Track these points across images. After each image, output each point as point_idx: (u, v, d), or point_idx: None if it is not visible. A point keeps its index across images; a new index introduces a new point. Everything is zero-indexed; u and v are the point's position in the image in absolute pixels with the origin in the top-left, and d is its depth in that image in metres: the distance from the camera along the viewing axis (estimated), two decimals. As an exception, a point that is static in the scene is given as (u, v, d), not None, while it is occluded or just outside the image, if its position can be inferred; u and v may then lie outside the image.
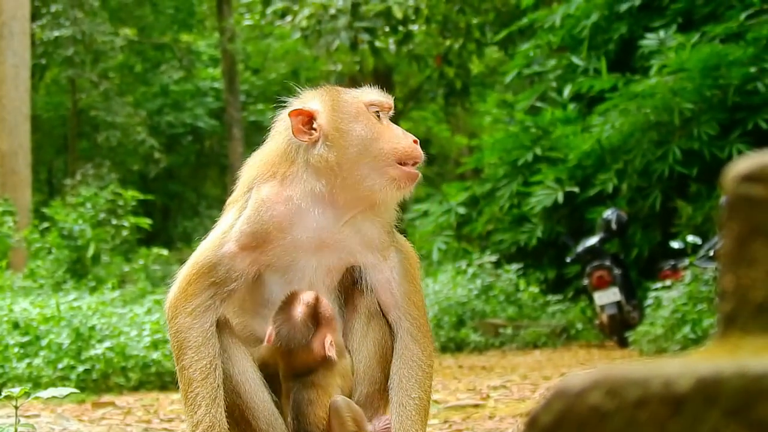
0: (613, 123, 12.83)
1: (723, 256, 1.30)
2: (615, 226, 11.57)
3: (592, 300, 11.49)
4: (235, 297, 3.13)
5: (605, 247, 11.62)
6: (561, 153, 13.87)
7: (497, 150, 14.86)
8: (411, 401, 3.09)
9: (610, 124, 12.89)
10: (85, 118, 26.35)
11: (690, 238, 10.75)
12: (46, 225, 14.26)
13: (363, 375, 3.16)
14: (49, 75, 26.03)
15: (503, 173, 14.55)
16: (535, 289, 13.17)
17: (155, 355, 8.04)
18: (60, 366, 7.73)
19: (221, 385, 2.99)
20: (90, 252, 13.34)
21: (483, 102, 23.17)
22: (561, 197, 13.17)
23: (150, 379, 8.00)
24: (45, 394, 3.78)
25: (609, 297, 11.08)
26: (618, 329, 11.01)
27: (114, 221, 14.86)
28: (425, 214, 15.82)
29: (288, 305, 3.09)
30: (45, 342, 7.96)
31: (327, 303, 3.12)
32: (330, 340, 3.10)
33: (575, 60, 14.64)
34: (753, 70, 11.84)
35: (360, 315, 3.18)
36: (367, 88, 3.23)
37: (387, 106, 3.18)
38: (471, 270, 13.16)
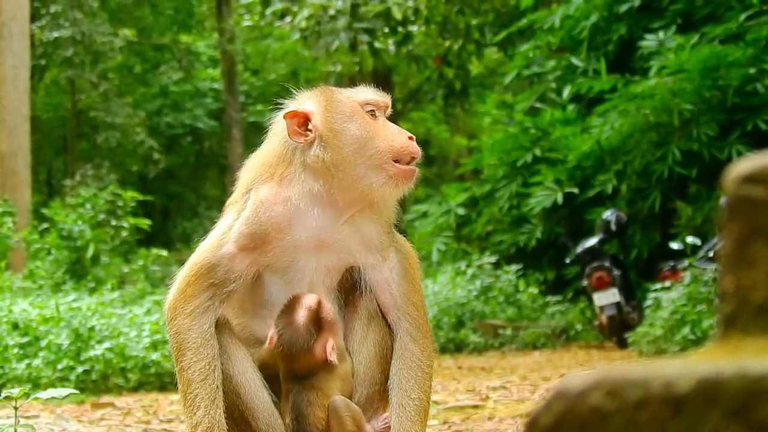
0: (613, 124, 12.83)
1: (723, 257, 1.30)
2: (614, 227, 11.57)
3: (591, 301, 11.49)
4: (235, 298, 3.12)
5: (605, 248, 11.62)
6: (560, 154, 13.88)
7: (497, 151, 14.86)
8: (410, 402, 3.08)
9: (609, 125, 12.89)
10: (85, 118, 26.34)
11: (689, 239, 10.75)
12: (45, 226, 14.26)
13: (363, 376, 3.16)
14: (49, 76, 26.02)
15: (503, 174, 14.56)
16: (535, 290, 13.16)
17: (155, 356, 8.03)
18: (59, 367, 7.72)
19: (220, 387, 2.99)
20: (89, 253, 13.34)
21: (482, 103, 23.18)
22: (560, 198, 13.17)
23: (149, 380, 8.00)
24: (44, 394, 3.78)
25: (608, 298, 11.08)
26: (617, 330, 11.01)
27: (113, 222, 14.85)
28: (424, 215, 15.83)
29: (290, 309, 3.09)
30: (44, 343, 7.96)
31: (329, 307, 3.12)
32: (331, 344, 3.09)
33: (575, 61, 14.65)
34: (752, 71, 11.85)
35: (360, 316, 3.18)
36: (363, 87, 3.22)
37: (383, 104, 3.17)
38: (470, 271, 13.15)
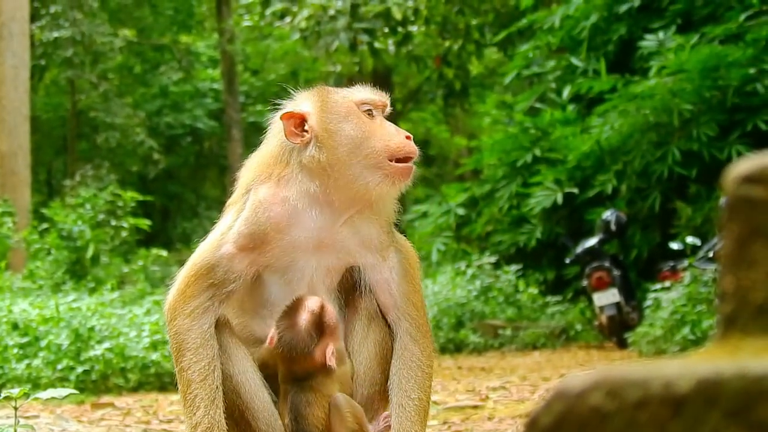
0: (613, 124, 12.83)
1: (723, 257, 1.30)
2: (614, 227, 11.56)
3: (591, 301, 11.49)
4: (235, 298, 3.13)
5: (604, 248, 11.62)
6: (560, 154, 13.88)
7: (496, 151, 14.86)
8: (410, 402, 3.08)
9: (609, 125, 12.89)
10: (85, 119, 26.34)
11: (689, 239, 10.75)
12: (45, 226, 14.26)
13: (363, 376, 3.16)
14: (49, 76, 26.02)
15: (502, 174, 14.56)
16: (535, 290, 13.16)
17: (154, 356, 8.03)
18: (59, 367, 7.72)
19: (220, 387, 2.99)
20: (89, 253, 13.34)
21: (482, 103, 23.17)
22: (560, 198, 13.18)
23: (149, 380, 8.00)
24: (44, 395, 3.78)
25: (608, 298, 11.08)
26: (617, 330, 11.01)
27: (113, 222, 14.85)
28: (424, 215, 15.83)
29: (293, 311, 3.09)
30: (44, 343, 7.96)
31: (332, 311, 3.11)
32: (332, 349, 3.09)
33: (574, 61, 14.65)
34: (752, 71, 11.85)
35: (360, 316, 3.18)
36: (359, 86, 3.21)
37: (380, 103, 3.16)
38: (470, 271, 13.15)
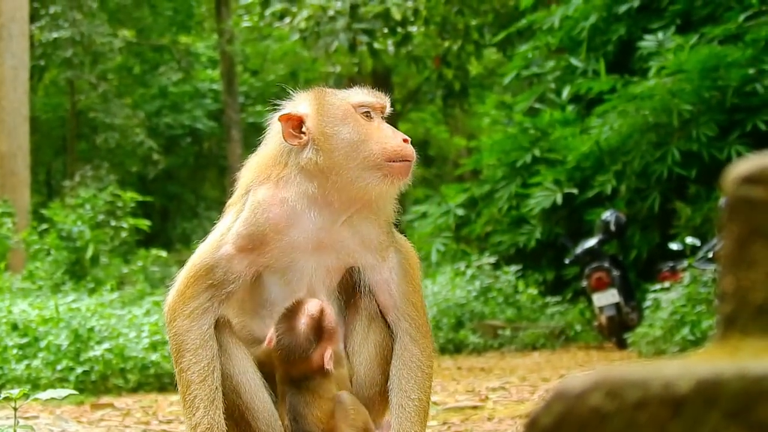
0: (612, 124, 12.83)
1: (723, 257, 1.30)
2: (614, 227, 11.56)
3: (590, 301, 11.48)
4: (234, 298, 3.13)
5: (604, 249, 11.62)
6: (560, 154, 13.88)
7: (496, 151, 14.86)
8: (410, 403, 3.09)
9: (608, 125, 12.89)
10: (84, 119, 26.33)
11: (689, 239, 10.76)
12: (44, 226, 14.25)
13: (363, 377, 3.16)
14: (48, 76, 26.01)
15: (502, 175, 14.56)
16: (534, 291, 13.16)
17: (154, 357, 8.03)
18: (59, 367, 7.72)
19: (219, 387, 2.99)
20: (89, 253, 13.33)
21: (482, 103, 23.15)
22: (560, 199, 13.18)
23: (149, 381, 8.00)
24: (44, 395, 3.78)
25: (608, 298, 11.08)
26: (617, 331, 11.01)
27: (113, 223, 14.85)
28: (424, 215, 15.83)
29: (292, 313, 3.09)
30: (44, 343, 7.96)
31: (331, 314, 3.11)
32: (330, 353, 3.09)
33: (574, 61, 14.65)
34: (752, 71, 11.85)
35: (361, 317, 3.18)
36: (358, 88, 3.21)
37: (378, 105, 3.16)
38: (470, 271, 13.14)
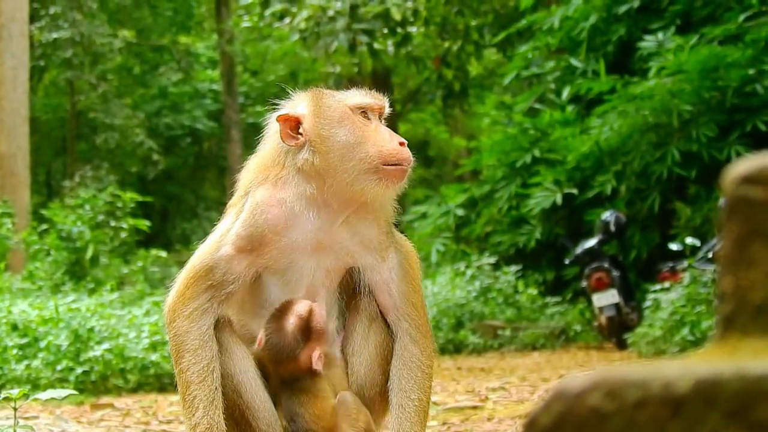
0: (612, 125, 12.83)
1: (722, 257, 1.30)
2: (614, 227, 11.56)
3: (590, 302, 11.48)
4: (234, 299, 3.13)
5: (604, 249, 11.62)
6: (559, 155, 13.88)
7: (496, 152, 14.86)
8: (410, 403, 3.09)
9: (608, 125, 12.89)
10: (84, 119, 26.33)
11: (689, 239, 10.76)
12: (44, 227, 14.25)
13: (364, 377, 3.16)
14: (48, 77, 26.01)
15: (502, 175, 14.56)
16: (534, 291, 13.16)
17: (154, 357, 8.03)
18: (59, 368, 7.72)
19: (219, 388, 3.00)
20: (89, 254, 13.33)
21: (481, 104, 23.17)
22: (559, 199, 13.18)
23: (149, 381, 8.00)
24: (44, 395, 3.78)
25: (608, 299, 11.08)
26: (617, 331, 11.01)
27: (113, 223, 14.84)
28: (424, 216, 15.83)
29: (281, 314, 3.10)
30: (44, 344, 7.96)
31: (320, 315, 3.11)
32: (318, 354, 3.10)
33: (574, 62, 14.65)
34: (751, 71, 11.85)
35: (361, 317, 3.18)
36: (356, 90, 3.21)
37: (376, 107, 3.16)
38: (469, 272, 13.14)
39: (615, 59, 14.18)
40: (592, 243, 11.60)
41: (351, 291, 3.21)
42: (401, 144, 3.08)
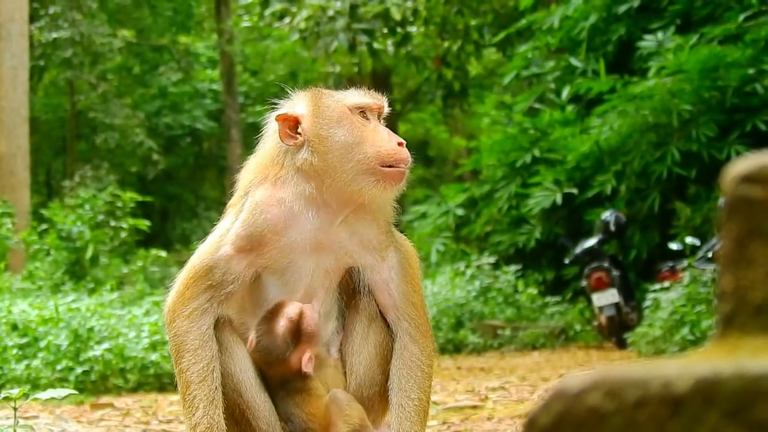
0: (612, 124, 12.83)
1: (722, 257, 1.30)
2: (613, 227, 11.56)
3: (590, 301, 11.48)
4: (234, 299, 3.13)
5: (604, 249, 11.62)
6: (559, 154, 13.88)
7: (495, 151, 14.86)
8: (410, 402, 3.09)
9: (608, 125, 12.89)
10: (84, 119, 26.33)
11: (688, 239, 10.76)
12: (44, 227, 14.25)
13: (363, 377, 3.16)
14: (48, 77, 26.00)
15: (502, 175, 14.56)
16: (534, 291, 13.16)
17: (154, 357, 8.03)
18: (58, 367, 7.72)
19: (219, 388, 3.00)
20: (88, 253, 13.33)
21: (481, 103, 23.16)
22: (559, 199, 13.18)
23: (149, 381, 8.00)
24: (44, 395, 3.78)
25: (607, 298, 11.08)
26: (616, 330, 11.01)
27: (112, 223, 14.84)
28: (423, 215, 15.83)
29: (272, 316, 3.10)
30: (43, 343, 7.96)
31: (311, 317, 3.11)
32: (308, 356, 3.10)
33: (574, 61, 14.65)
34: (751, 71, 11.85)
35: (361, 317, 3.18)
36: (356, 90, 3.21)
37: (375, 107, 3.15)
38: (469, 271, 13.14)
39: (615, 59, 14.17)
40: (591, 243, 11.60)
41: (350, 291, 3.21)
42: (400, 144, 3.08)
